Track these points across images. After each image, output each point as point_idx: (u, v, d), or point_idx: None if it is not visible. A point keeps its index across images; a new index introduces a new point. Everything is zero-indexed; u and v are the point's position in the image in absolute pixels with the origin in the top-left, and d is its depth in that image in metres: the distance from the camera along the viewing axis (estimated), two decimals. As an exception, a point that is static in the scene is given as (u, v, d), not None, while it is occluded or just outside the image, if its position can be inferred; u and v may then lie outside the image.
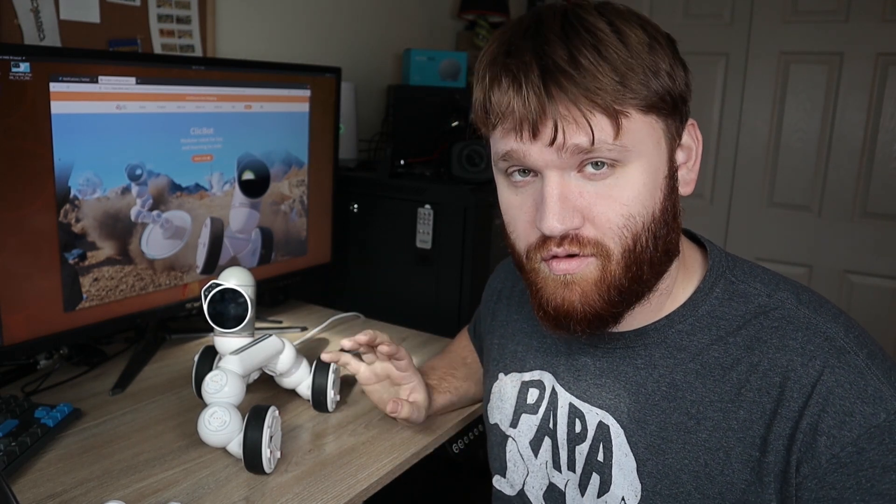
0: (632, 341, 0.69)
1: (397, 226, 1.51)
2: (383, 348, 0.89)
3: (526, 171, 0.63)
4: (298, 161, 1.39)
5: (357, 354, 0.96)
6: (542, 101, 0.58)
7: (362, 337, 0.89)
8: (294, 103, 1.35)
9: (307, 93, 1.37)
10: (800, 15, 2.13)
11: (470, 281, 1.43)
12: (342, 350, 0.93)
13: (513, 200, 0.66)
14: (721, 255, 0.70)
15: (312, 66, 1.39)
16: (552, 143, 0.59)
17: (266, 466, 0.81)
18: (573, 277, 0.63)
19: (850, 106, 2.09)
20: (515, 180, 0.64)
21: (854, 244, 2.14)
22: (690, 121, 0.66)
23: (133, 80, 1.06)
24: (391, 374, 0.92)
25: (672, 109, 0.62)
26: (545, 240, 0.62)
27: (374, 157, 1.95)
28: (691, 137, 0.67)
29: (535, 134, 0.59)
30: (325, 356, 0.93)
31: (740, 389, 0.62)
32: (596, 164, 0.60)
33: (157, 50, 1.40)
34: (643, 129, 0.60)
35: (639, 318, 0.69)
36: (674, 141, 0.64)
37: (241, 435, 0.81)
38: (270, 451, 0.82)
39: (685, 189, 0.67)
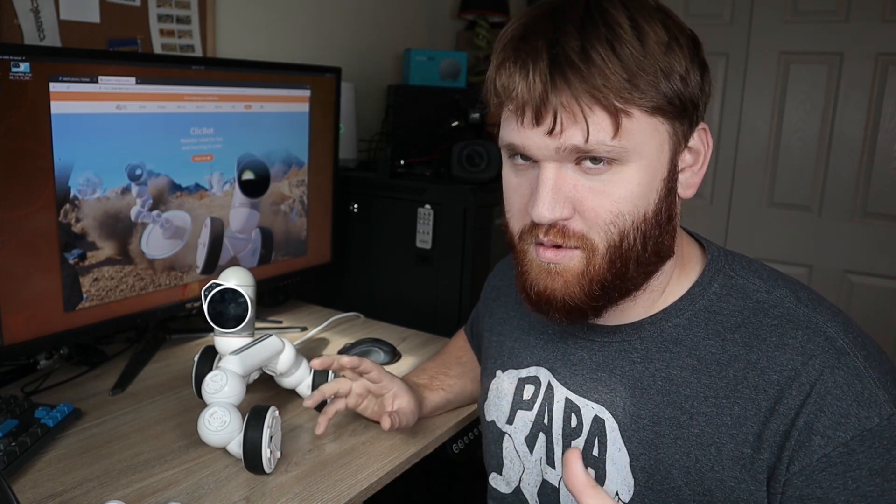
0: (628, 335, 0.70)
1: (397, 226, 1.51)
2: (344, 361, 0.91)
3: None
4: (298, 161, 1.39)
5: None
6: (546, 89, 0.58)
7: (319, 362, 0.92)
8: (294, 103, 1.35)
9: (307, 93, 1.37)
10: (800, 15, 2.13)
11: (470, 281, 1.43)
12: (316, 370, 0.99)
13: (512, 181, 0.67)
14: (719, 251, 0.70)
15: (312, 66, 1.39)
16: (551, 132, 0.59)
17: (266, 466, 0.81)
18: (556, 267, 0.64)
19: (850, 106, 2.09)
20: (517, 163, 0.65)
21: (854, 244, 2.14)
22: (702, 125, 0.65)
23: (133, 80, 1.06)
24: (370, 388, 0.93)
25: (680, 113, 0.61)
26: (535, 226, 0.64)
27: (374, 157, 1.95)
28: (701, 141, 0.65)
29: (537, 121, 0.59)
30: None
31: (736, 386, 0.62)
32: (594, 160, 0.60)
33: (157, 50, 1.40)
34: (646, 130, 0.60)
35: (633, 311, 0.69)
36: (679, 144, 0.63)
37: (241, 435, 0.81)
38: (270, 451, 0.82)
39: (686, 192, 0.66)
